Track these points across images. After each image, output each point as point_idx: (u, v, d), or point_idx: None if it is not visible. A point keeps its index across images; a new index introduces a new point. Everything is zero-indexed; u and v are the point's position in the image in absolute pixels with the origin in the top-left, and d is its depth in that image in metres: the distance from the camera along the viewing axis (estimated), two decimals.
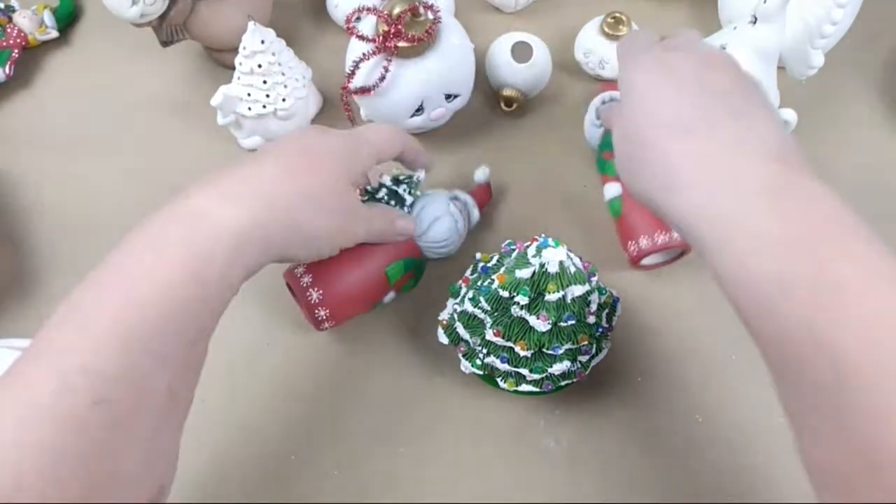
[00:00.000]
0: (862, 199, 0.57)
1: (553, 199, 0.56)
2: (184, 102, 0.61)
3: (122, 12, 0.52)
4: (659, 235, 0.49)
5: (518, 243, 0.42)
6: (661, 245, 0.49)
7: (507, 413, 0.48)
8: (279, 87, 0.54)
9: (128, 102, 0.62)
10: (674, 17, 0.67)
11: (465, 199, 0.51)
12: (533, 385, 0.44)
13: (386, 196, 0.47)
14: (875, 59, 0.64)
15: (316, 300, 0.45)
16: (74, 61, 0.64)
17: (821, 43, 0.53)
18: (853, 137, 0.60)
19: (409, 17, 0.49)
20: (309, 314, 0.46)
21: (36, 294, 0.52)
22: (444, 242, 0.48)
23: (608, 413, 0.48)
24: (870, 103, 0.62)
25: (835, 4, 0.51)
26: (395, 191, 0.48)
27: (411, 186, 0.48)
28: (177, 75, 0.63)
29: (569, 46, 0.62)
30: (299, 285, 0.45)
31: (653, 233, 0.49)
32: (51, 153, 0.59)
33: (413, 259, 0.48)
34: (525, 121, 0.61)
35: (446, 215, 0.49)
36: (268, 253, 0.36)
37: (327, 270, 0.45)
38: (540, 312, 0.39)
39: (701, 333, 0.51)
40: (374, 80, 0.51)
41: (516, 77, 0.58)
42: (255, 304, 0.51)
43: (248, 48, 0.52)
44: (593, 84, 0.62)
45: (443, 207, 0.49)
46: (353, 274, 0.46)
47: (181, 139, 0.60)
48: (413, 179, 0.49)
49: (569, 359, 0.43)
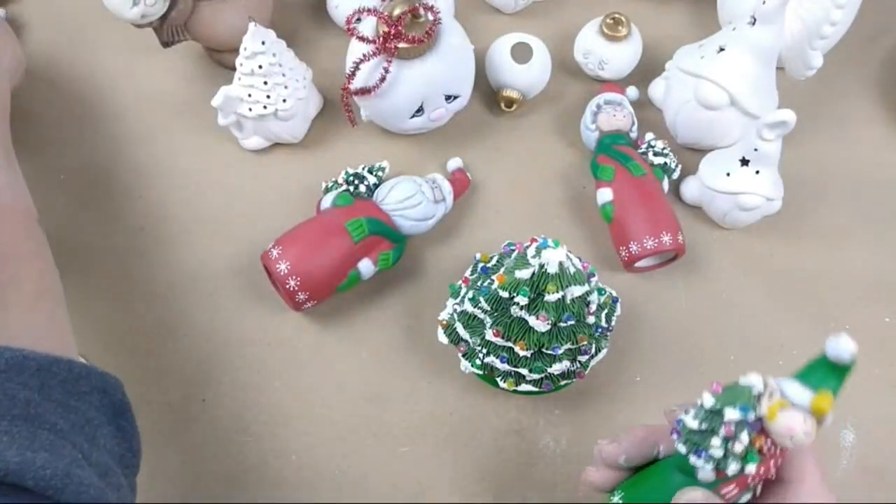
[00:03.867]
0: (862, 199, 0.57)
1: (553, 200, 0.57)
2: (184, 103, 0.62)
3: (123, 13, 0.52)
4: (649, 240, 0.49)
5: (518, 244, 0.43)
6: (652, 249, 0.49)
7: (506, 413, 0.48)
8: (280, 88, 0.54)
9: (128, 103, 0.62)
10: (674, 17, 0.67)
11: (434, 176, 0.53)
12: (532, 385, 0.44)
13: (350, 179, 0.52)
14: (875, 59, 0.64)
15: (284, 271, 0.46)
16: (75, 61, 0.65)
17: (820, 43, 0.54)
18: (853, 137, 0.60)
19: (409, 19, 0.50)
20: (280, 285, 0.47)
21: None
22: (407, 203, 0.49)
23: (608, 413, 0.48)
24: (869, 103, 0.62)
25: (834, 5, 0.51)
26: (358, 173, 0.53)
27: (374, 170, 0.53)
28: (177, 76, 0.63)
29: (569, 47, 0.62)
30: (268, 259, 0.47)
31: (643, 237, 0.50)
32: (51, 153, 0.59)
33: (378, 221, 0.49)
34: (525, 121, 0.61)
35: (409, 181, 0.51)
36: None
37: (289, 237, 0.48)
38: (539, 313, 0.39)
39: (700, 333, 0.51)
40: (375, 80, 0.51)
41: (516, 77, 0.58)
42: (255, 305, 0.52)
43: (248, 49, 0.52)
44: (593, 84, 0.62)
45: (408, 180, 0.51)
46: (311, 229, 0.48)
47: (182, 139, 0.60)
48: (376, 165, 0.53)
49: (568, 359, 0.43)
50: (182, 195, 0.57)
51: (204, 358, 0.50)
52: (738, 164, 0.50)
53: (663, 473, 0.33)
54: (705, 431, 0.30)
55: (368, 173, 0.53)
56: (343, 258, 0.48)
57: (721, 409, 0.29)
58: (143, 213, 0.56)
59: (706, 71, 0.51)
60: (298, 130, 0.58)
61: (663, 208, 0.51)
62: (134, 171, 0.58)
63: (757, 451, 0.29)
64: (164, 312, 0.51)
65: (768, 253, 0.54)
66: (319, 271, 0.47)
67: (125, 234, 0.55)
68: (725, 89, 0.50)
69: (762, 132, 0.47)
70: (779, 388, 0.29)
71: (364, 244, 0.48)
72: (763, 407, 0.29)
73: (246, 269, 0.52)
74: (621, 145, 0.53)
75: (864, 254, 0.54)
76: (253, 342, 0.50)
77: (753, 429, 0.29)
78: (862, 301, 0.52)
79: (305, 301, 0.48)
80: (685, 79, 0.53)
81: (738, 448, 0.29)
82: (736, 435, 0.29)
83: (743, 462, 0.29)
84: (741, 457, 0.29)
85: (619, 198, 0.51)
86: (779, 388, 0.29)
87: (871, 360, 0.50)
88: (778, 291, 0.53)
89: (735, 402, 0.29)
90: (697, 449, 0.30)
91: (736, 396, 0.29)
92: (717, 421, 0.29)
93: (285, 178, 0.57)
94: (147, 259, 0.54)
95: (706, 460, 0.30)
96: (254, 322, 0.51)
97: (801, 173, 0.56)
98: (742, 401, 0.29)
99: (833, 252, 0.54)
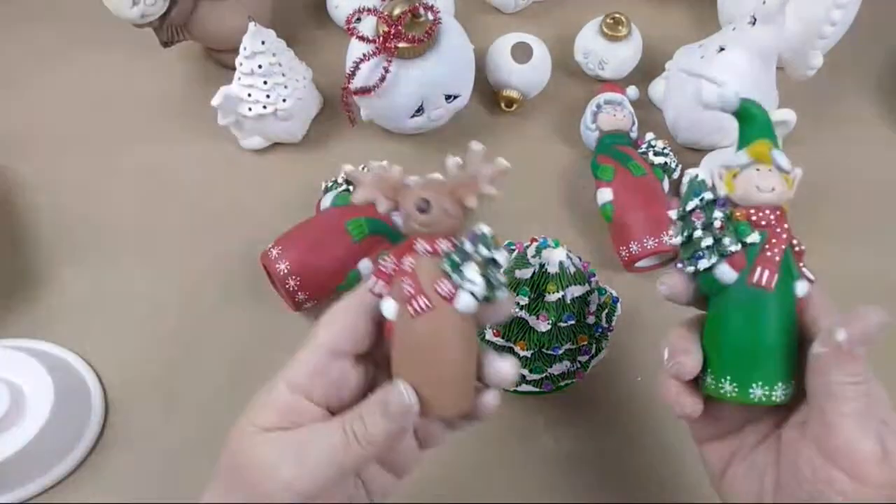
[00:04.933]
0: (862, 199, 0.57)
1: (553, 200, 0.57)
2: (184, 102, 0.62)
3: (123, 13, 0.52)
4: (649, 240, 0.49)
5: (518, 243, 0.43)
6: (652, 249, 0.49)
7: (507, 413, 0.48)
8: (280, 88, 0.54)
9: (128, 102, 0.62)
10: (674, 17, 0.67)
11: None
12: (533, 385, 0.44)
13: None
14: (875, 59, 0.64)
15: (284, 271, 0.46)
16: (74, 61, 0.65)
17: (820, 43, 0.54)
18: (853, 137, 0.60)
19: (409, 18, 0.50)
20: (280, 285, 0.47)
21: (36, 294, 0.52)
22: None
23: (608, 413, 0.48)
24: (869, 103, 0.62)
25: (834, 5, 0.51)
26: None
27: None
28: (177, 75, 0.63)
29: (569, 46, 0.62)
30: (268, 259, 0.47)
31: (643, 237, 0.50)
32: (51, 153, 0.59)
33: (378, 221, 0.48)
34: (525, 121, 0.61)
35: None
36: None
37: (289, 237, 0.48)
38: (540, 313, 0.39)
39: None
40: (375, 80, 0.51)
41: (516, 77, 0.58)
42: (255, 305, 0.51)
43: (248, 49, 0.52)
44: (593, 84, 0.62)
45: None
46: (311, 229, 0.48)
47: (181, 139, 0.60)
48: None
49: (568, 359, 0.43)
50: (182, 195, 0.57)
51: (204, 358, 0.50)
52: None
53: (713, 319, 0.32)
54: (689, 237, 0.31)
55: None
56: (343, 258, 0.48)
57: (684, 208, 0.31)
58: (142, 212, 0.56)
59: (706, 71, 0.51)
60: (298, 130, 0.58)
61: (663, 208, 0.51)
62: (133, 170, 0.58)
63: (747, 224, 0.30)
64: (163, 312, 0.51)
65: None
66: (319, 271, 0.47)
67: (124, 234, 0.55)
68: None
69: None
70: (724, 166, 0.31)
71: (364, 244, 0.48)
72: (720, 187, 0.31)
73: (246, 269, 0.52)
74: (621, 145, 0.53)
75: (864, 254, 0.54)
76: (253, 342, 0.50)
77: (724, 206, 0.30)
78: (862, 301, 0.52)
79: (305, 301, 0.48)
80: (685, 79, 0.53)
81: (718, 224, 0.30)
82: (708, 217, 0.30)
83: (738, 236, 0.30)
84: (734, 232, 0.30)
85: (619, 198, 0.51)
86: (723, 167, 0.31)
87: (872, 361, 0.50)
88: None
89: (690, 194, 0.31)
90: (694, 254, 0.31)
91: (689, 191, 0.31)
92: (689, 220, 0.31)
93: (285, 178, 0.57)
94: (146, 259, 0.54)
95: (708, 256, 0.30)
96: (254, 322, 0.51)
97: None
98: (693, 189, 0.31)
99: (833, 252, 0.54)
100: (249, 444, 0.29)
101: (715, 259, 0.30)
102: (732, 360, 0.31)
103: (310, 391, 0.30)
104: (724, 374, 0.31)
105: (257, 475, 0.28)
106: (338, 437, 0.28)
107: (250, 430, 0.29)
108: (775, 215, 0.30)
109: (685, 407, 0.32)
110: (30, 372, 0.45)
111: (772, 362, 0.30)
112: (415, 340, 0.29)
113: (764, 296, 0.30)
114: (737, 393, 0.30)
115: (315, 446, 0.28)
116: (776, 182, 0.30)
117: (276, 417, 0.29)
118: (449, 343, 0.29)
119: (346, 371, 0.30)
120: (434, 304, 0.28)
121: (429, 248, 0.29)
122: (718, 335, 0.31)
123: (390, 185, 0.29)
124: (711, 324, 0.32)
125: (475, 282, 0.28)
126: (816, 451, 0.28)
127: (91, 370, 0.48)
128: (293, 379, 0.30)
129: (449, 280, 0.28)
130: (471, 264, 0.28)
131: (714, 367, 0.31)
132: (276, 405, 0.29)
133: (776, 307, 0.30)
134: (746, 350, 0.30)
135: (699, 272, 0.31)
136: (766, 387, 0.30)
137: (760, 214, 0.30)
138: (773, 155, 0.30)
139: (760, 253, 0.30)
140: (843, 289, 0.53)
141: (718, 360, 0.31)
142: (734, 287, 0.30)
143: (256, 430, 0.29)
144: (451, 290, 0.28)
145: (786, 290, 0.30)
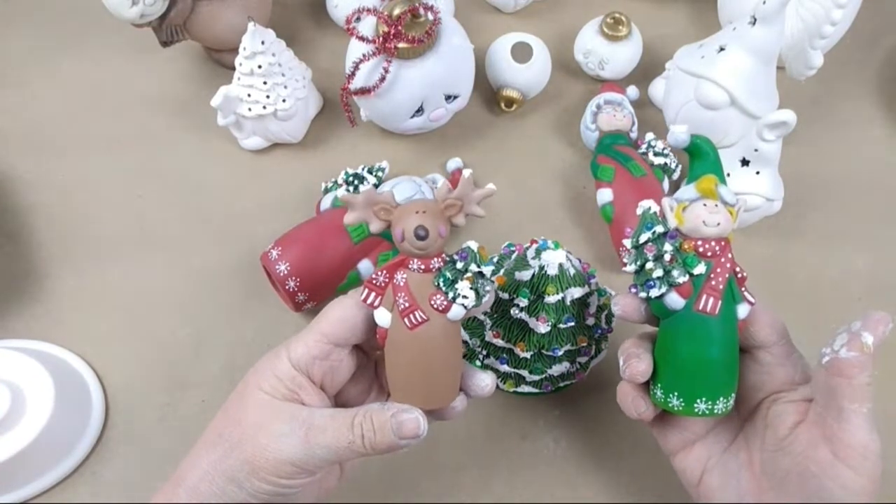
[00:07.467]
0: (862, 199, 0.57)
1: (553, 200, 0.57)
2: (184, 102, 0.61)
3: (123, 12, 0.52)
4: None
5: (518, 245, 0.43)
6: None
7: (506, 413, 0.48)
8: (279, 88, 0.54)
9: (128, 102, 0.62)
10: (674, 17, 0.67)
11: (434, 176, 0.53)
12: (532, 386, 0.44)
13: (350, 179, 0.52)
14: (875, 59, 0.64)
15: (284, 271, 0.46)
16: (74, 61, 0.64)
17: (820, 43, 0.53)
18: (853, 137, 0.60)
19: (409, 18, 0.50)
20: (280, 286, 0.47)
21: (36, 294, 0.52)
22: None
23: (607, 413, 0.48)
24: (869, 103, 0.62)
25: (834, 5, 0.51)
26: (358, 173, 0.52)
27: (374, 170, 0.52)
28: (177, 75, 0.63)
29: (569, 46, 0.62)
30: (268, 259, 0.47)
31: None
32: (51, 153, 0.59)
33: None
34: (525, 121, 0.61)
35: (409, 181, 0.51)
36: None
37: (289, 237, 0.48)
38: (539, 314, 0.39)
39: None
40: (375, 80, 0.51)
41: (516, 77, 0.58)
42: (255, 305, 0.52)
43: (248, 49, 0.52)
44: (593, 84, 0.62)
45: (407, 180, 0.52)
46: (311, 230, 0.48)
47: (181, 139, 0.60)
48: (376, 165, 0.53)
49: (568, 360, 0.43)
50: (182, 195, 0.57)
51: (203, 358, 0.50)
52: (739, 165, 0.50)
53: (662, 339, 0.35)
54: (642, 266, 0.34)
55: (368, 173, 0.53)
56: (343, 259, 0.48)
57: (637, 239, 0.34)
58: (142, 212, 0.56)
59: (706, 71, 0.51)
60: (298, 130, 0.58)
61: None
62: (133, 170, 0.58)
63: (694, 255, 0.32)
64: (163, 313, 0.51)
65: (768, 253, 0.54)
66: (319, 272, 0.47)
67: (124, 234, 0.55)
68: (725, 89, 0.50)
69: (762, 132, 0.47)
70: (674, 200, 0.34)
71: (364, 245, 0.48)
72: (670, 219, 0.33)
73: (246, 270, 0.52)
74: (621, 145, 0.53)
75: (864, 254, 0.54)
76: (253, 342, 0.50)
77: (674, 238, 0.33)
78: (862, 301, 0.52)
79: (305, 301, 0.48)
80: (685, 79, 0.53)
81: (668, 257, 0.33)
82: (658, 249, 0.33)
83: (687, 267, 0.32)
84: (682, 264, 0.32)
85: (619, 198, 0.51)
86: (674, 200, 0.34)
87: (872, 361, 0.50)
88: (778, 292, 0.52)
89: (642, 227, 0.34)
90: (646, 282, 0.33)
91: (642, 223, 0.34)
92: (641, 251, 0.34)
93: (285, 178, 0.57)
94: (146, 259, 0.54)
95: (658, 286, 0.33)
96: (254, 322, 0.51)
97: (801, 173, 0.56)
98: (646, 222, 0.34)
99: (833, 252, 0.54)
100: (257, 403, 0.33)
101: (665, 289, 0.33)
102: (679, 379, 0.34)
103: (311, 371, 0.34)
104: (671, 389, 0.34)
105: (263, 438, 0.31)
106: (345, 433, 0.32)
107: (259, 394, 0.33)
108: (720, 246, 0.33)
109: (640, 408, 0.35)
110: (30, 372, 0.45)
111: (714, 380, 0.33)
112: (409, 346, 0.32)
113: (708, 321, 0.33)
114: (683, 407, 0.34)
115: (323, 435, 0.31)
116: (721, 217, 0.32)
117: (283, 388, 0.33)
118: (440, 347, 0.32)
119: (342, 358, 0.35)
120: (428, 316, 0.32)
121: (423, 266, 0.32)
122: (668, 355, 0.34)
123: (381, 206, 0.32)
124: (661, 343, 0.35)
125: (468, 296, 0.32)
126: (826, 447, 0.31)
127: (91, 370, 0.49)
128: (297, 359, 0.34)
129: (444, 295, 0.32)
130: (463, 280, 0.32)
131: (663, 382, 0.34)
132: (283, 378, 0.33)
133: (719, 330, 0.33)
134: (692, 370, 0.33)
135: (651, 298, 0.34)
136: (710, 401, 0.33)
137: (707, 246, 0.33)
138: (718, 191, 0.33)
139: (706, 282, 0.33)
140: (842, 289, 0.53)
141: (667, 376, 0.34)
142: (682, 312, 0.33)
143: (266, 396, 0.33)
144: (445, 304, 0.32)
145: (728, 313, 0.33)
